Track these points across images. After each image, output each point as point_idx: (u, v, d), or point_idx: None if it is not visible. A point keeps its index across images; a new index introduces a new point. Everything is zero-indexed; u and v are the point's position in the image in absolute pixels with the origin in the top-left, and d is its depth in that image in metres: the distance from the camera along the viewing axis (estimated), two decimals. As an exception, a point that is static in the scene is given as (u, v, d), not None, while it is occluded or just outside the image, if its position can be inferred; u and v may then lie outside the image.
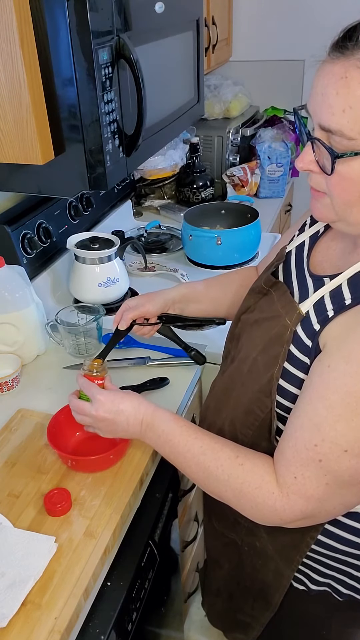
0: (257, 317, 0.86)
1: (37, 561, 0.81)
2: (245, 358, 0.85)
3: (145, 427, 0.85)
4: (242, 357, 0.86)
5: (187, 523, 1.43)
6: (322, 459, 0.68)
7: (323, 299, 0.73)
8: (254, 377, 0.81)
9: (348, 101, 0.60)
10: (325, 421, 0.68)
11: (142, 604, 0.95)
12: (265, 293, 0.87)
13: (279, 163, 2.24)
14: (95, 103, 0.97)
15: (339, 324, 0.70)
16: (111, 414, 0.86)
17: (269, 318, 0.82)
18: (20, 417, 1.11)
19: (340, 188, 0.67)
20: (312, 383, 0.71)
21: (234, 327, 0.95)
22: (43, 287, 1.47)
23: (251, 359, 0.83)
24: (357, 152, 0.62)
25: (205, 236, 1.64)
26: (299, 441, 0.71)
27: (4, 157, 0.99)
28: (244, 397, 0.83)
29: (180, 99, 1.43)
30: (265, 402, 0.79)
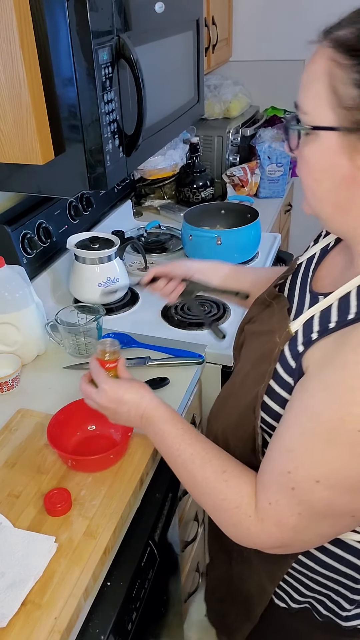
0: (257, 329, 0.86)
1: (37, 561, 0.81)
2: (240, 370, 0.85)
3: (145, 422, 0.85)
4: (238, 369, 0.87)
5: (187, 523, 1.43)
6: (295, 487, 0.66)
7: (312, 319, 0.71)
8: (244, 391, 0.80)
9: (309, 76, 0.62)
10: (300, 448, 0.65)
11: (142, 604, 0.95)
12: (268, 305, 0.85)
13: (279, 163, 2.24)
14: (95, 103, 0.97)
15: (320, 348, 0.66)
16: (113, 404, 0.86)
17: (265, 332, 0.80)
18: (20, 417, 1.11)
19: (301, 171, 0.67)
20: (292, 407, 0.69)
21: (238, 337, 0.95)
22: (43, 287, 1.47)
23: (244, 372, 0.82)
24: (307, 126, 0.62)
25: (205, 236, 1.64)
26: (275, 465, 0.69)
27: (4, 157, 0.99)
28: (235, 409, 0.82)
29: (180, 99, 1.43)
30: (250, 417, 0.77)
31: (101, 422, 1.06)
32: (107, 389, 0.86)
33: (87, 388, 0.90)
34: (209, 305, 1.47)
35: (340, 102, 0.59)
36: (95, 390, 0.88)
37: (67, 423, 1.03)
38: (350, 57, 0.58)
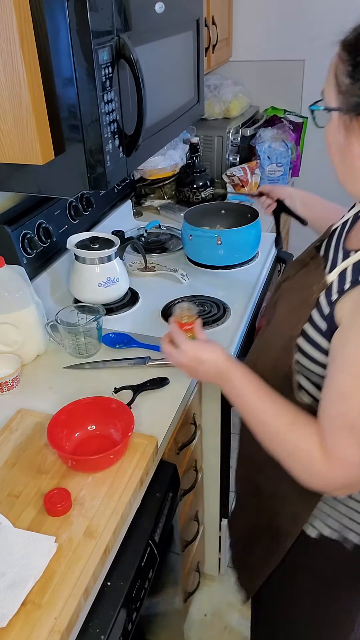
0: (293, 285, 0.96)
1: (37, 561, 0.81)
2: (277, 320, 0.95)
3: (221, 379, 0.93)
4: (275, 320, 0.96)
5: (187, 523, 1.43)
6: (353, 425, 0.74)
7: (345, 272, 0.80)
8: (280, 336, 0.90)
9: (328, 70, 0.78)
10: (350, 390, 0.74)
11: (142, 604, 0.95)
12: (306, 265, 0.95)
13: (279, 163, 2.25)
14: (95, 103, 0.97)
15: (353, 299, 0.76)
16: (193, 363, 0.94)
17: (303, 286, 0.90)
18: (20, 417, 1.11)
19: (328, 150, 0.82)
20: (334, 359, 0.78)
21: (274, 295, 1.03)
22: (43, 287, 1.47)
23: (280, 321, 0.93)
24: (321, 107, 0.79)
25: (205, 236, 1.64)
26: (332, 411, 0.77)
27: (4, 157, 0.99)
28: (272, 354, 0.92)
29: (180, 99, 1.43)
30: (285, 358, 0.87)
31: (101, 422, 1.06)
32: (187, 350, 0.94)
33: (168, 348, 0.98)
34: (209, 305, 1.47)
35: (339, 88, 0.75)
36: (175, 350, 0.96)
37: (67, 423, 1.03)
38: (347, 53, 0.74)
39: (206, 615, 1.74)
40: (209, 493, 1.59)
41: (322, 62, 2.55)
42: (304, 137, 2.52)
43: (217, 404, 1.39)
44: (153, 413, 1.12)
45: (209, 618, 1.73)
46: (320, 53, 2.42)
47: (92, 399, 1.08)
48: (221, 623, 1.72)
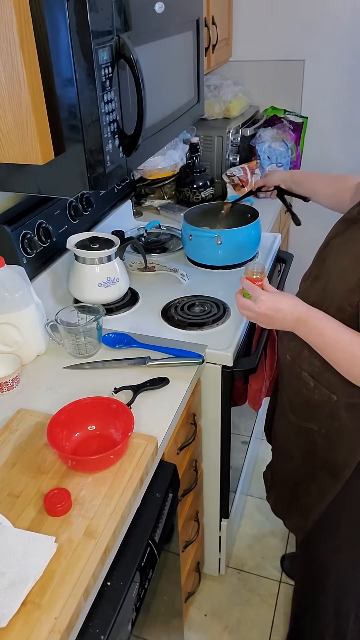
0: (346, 239, 1.01)
1: (37, 561, 0.81)
2: (335, 269, 1.01)
3: (300, 323, 1.00)
4: (332, 269, 1.02)
5: (187, 523, 1.43)
6: None
7: None
8: (344, 280, 0.97)
9: None
10: None
11: (142, 604, 0.95)
12: (355, 222, 1.00)
13: (279, 163, 2.24)
14: (95, 103, 0.97)
15: None
16: (271, 311, 1.02)
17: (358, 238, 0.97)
18: (20, 417, 1.11)
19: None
20: None
21: (322, 250, 1.09)
22: (43, 287, 1.47)
23: (341, 267, 0.99)
24: None
25: (205, 236, 1.64)
26: None
27: (4, 157, 0.99)
28: (336, 297, 0.99)
29: (180, 99, 1.43)
30: (353, 297, 0.95)
31: (101, 422, 1.06)
32: (265, 300, 1.02)
33: (245, 301, 1.06)
34: (209, 305, 1.47)
35: None
36: (252, 302, 1.04)
37: (67, 423, 1.03)
38: None
39: (206, 615, 1.74)
40: (209, 493, 1.59)
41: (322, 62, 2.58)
42: (304, 137, 2.52)
43: (217, 404, 1.39)
44: (153, 413, 1.12)
45: (209, 618, 1.73)
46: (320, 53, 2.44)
47: (92, 399, 1.08)
48: (221, 623, 1.72)
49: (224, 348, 1.31)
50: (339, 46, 2.29)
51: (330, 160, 2.58)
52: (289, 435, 1.21)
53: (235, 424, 1.56)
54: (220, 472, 1.53)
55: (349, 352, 0.94)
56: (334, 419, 1.06)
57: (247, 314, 1.07)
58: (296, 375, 1.12)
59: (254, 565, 1.88)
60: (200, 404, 1.40)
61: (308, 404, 1.11)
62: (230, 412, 1.42)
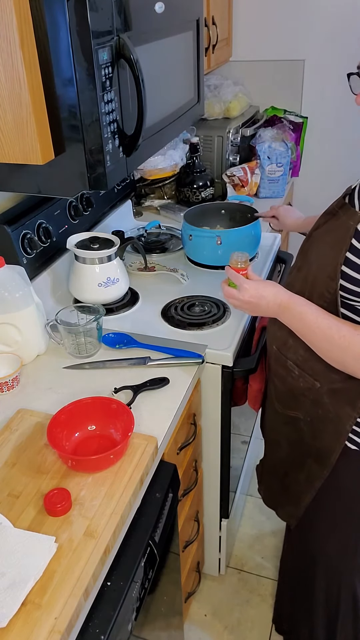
0: (327, 231, 1.05)
1: (37, 561, 0.81)
2: (316, 258, 1.05)
3: (282, 309, 1.04)
4: (313, 259, 1.06)
5: (187, 523, 1.43)
6: None
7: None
8: (323, 268, 1.01)
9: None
10: None
11: (142, 604, 0.95)
12: (334, 214, 1.04)
13: (279, 163, 2.24)
14: (95, 103, 0.97)
15: None
16: (255, 299, 1.05)
17: (337, 228, 1.01)
18: (20, 417, 1.11)
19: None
20: None
21: (305, 242, 1.13)
22: (43, 287, 1.47)
23: (321, 256, 1.03)
24: None
25: (205, 236, 1.64)
26: None
27: (4, 157, 0.99)
28: (317, 285, 1.03)
29: (180, 99, 1.43)
30: (331, 284, 0.99)
31: (101, 422, 1.06)
32: (249, 288, 1.06)
33: (229, 290, 1.09)
34: (209, 305, 1.47)
35: None
36: (236, 290, 1.08)
37: (67, 423, 1.03)
38: None
39: (206, 615, 1.74)
40: (209, 493, 1.59)
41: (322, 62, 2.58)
42: (304, 137, 2.52)
43: (217, 404, 1.39)
44: (153, 413, 1.12)
45: (209, 618, 1.73)
46: (320, 53, 2.44)
47: (92, 399, 1.08)
48: (221, 623, 1.72)
49: (224, 348, 1.31)
50: (339, 46, 2.29)
51: (330, 160, 2.58)
52: (276, 424, 1.25)
53: (235, 424, 1.56)
54: (220, 472, 1.53)
55: (328, 335, 0.98)
56: (317, 406, 1.10)
57: (232, 302, 1.10)
58: (282, 365, 1.16)
59: (254, 565, 1.88)
60: (200, 404, 1.40)
61: (293, 392, 1.14)
62: (230, 412, 1.42)
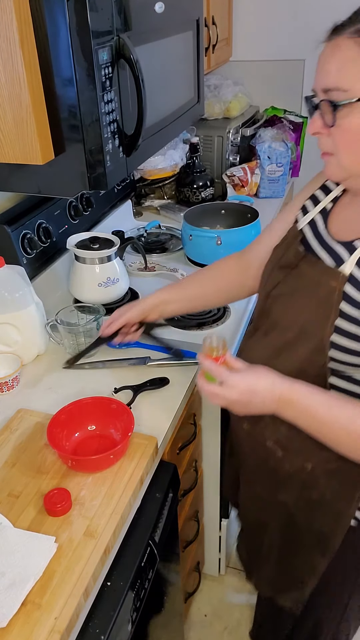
0: (292, 288, 0.91)
1: (37, 561, 0.81)
2: (289, 326, 0.89)
3: (282, 404, 0.85)
4: (285, 326, 0.91)
5: (187, 523, 1.43)
6: None
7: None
8: (304, 340, 0.86)
9: (340, 62, 0.75)
10: None
11: (142, 604, 0.95)
12: (294, 267, 0.91)
13: (279, 163, 2.24)
14: (95, 103, 0.97)
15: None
16: (246, 395, 0.85)
17: (309, 286, 0.87)
18: (20, 417, 1.11)
19: (343, 142, 0.78)
20: None
21: (264, 304, 0.98)
22: (43, 287, 1.47)
23: (298, 324, 0.88)
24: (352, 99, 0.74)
25: (205, 236, 1.64)
26: None
27: (4, 157, 0.99)
28: (294, 360, 0.87)
29: (180, 99, 1.43)
30: (318, 360, 0.85)
31: (101, 422, 1.06)
32: (236, 383, 0.85)
33: (211, 387, 0.87)
34: None
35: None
36: (221, 388, 0.86)
37: (67, 423, 1.03)
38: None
39: (206, 615, 1.74)
40: (209, 493, 1.59)
41: (322, 62, 2.47)
42: (304, 137, 2.51)
43: (217, 404, 1.39)
44: (153, 413, 1.12)
45: (209, 618, 1.73)
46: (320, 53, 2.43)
47: (92, 399, 1.08)
48: (221, 623, 1.72)
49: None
50: (339, 46, 2.28)
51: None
52: (259, 508, 1.08)
53: (235, 424, 1.56)
54: (220, 472, 1.52)
55: (352, 432, 0.80)
56: (311, 489, 0.94)
57: (217, 402, 0.89)
58: (259, 445, 0.98)
59: (254, 565, 1.88)
60: (200, 404, 1.40)
61: (278, 476, 0.97)
62: (230, 412, 1.42)
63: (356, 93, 0.74)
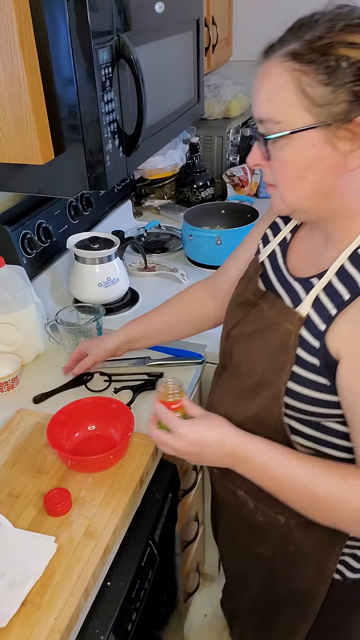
0: (251, 329, 0.85)
1: (37, 561, 0.81)
2: (252, 371, 0.84)
3: (236, 460, 0.80)
4: (246, 371, 0.85)
5: (187, 523, 1.43)
6: None
7: (319, 299, 0.75)
8: (264, 386, 0.80)
9: (271, 90, 0.70)
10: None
11: (142, 604, 0.95)
12: (254, 305, 0.86)
13: (279, 163, 2.24)
14: (95, 103, 0.97)
15: (348, 323, 0.70)
16: (196, 448, 0.81)
17: (267, 328, 0.81)
18: (20, 417, 1.11)
19: (281, 174, 0.72)
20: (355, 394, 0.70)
21: (225, 343, 0.93)
22: (43, 287, 1.47)
23: (259, 370, 0.82)
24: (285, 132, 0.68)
25: (205, 236, 1.64)
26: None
27: (4, 157, 0.99)
28: (254, 406, 0.82)
29: (180, 99, 1.42)
30: (273, 409, 0.79)
31: (101, 422, 1.06)
32: (186, 433, 0.80)
33: (161, 435, 0.83)
34: None
35: (313, 102, 0.66)
36: (171, 436, 0.82)
37: (67, 423, 1.03)
38: (309, 63, 0.65)
39: (206, 615, 1.74)
40: (209, 493, 1.59)
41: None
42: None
43: (217, 404, 1.39)
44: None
45: (209, 618, 1.73)
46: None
47: (92, 399, 1.08)
48: (221, 623, 1.72)
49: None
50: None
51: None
52: (239, 561, 1.04)
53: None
54: (220, 472, 1.52)
55: (310, 492, 0.74)
56: (287, 543, 0.89)
57: (166, 451, 0.84)
58: (231, 494, 0.94)
59: (254, 565, 1.88)
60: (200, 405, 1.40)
61: (253, 528, 0.93)
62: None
63: (289, 125, 0.67)
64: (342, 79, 0.64)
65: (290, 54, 0.67)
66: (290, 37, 0.70)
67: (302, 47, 0.66)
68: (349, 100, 0.64)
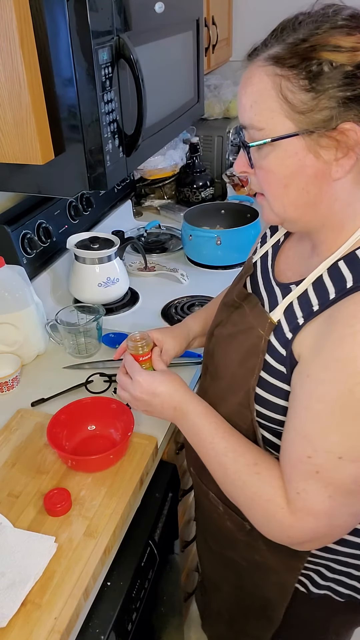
0: (230, 330, 0.86)
1: (37, 561, 0.81)
2: (224, 373, 0.85)
3: (178, 414, 0.84)
4: (221, 373, 0.86)
5: (187, 523, 1.43)
6: (319, 470, 0.66)
7: (292, 306, 0.73)
8: (234, 391, 0.81)
9: (253, 96, 0.66)
10: (314, 431, 0.66)
11: (142, 604, 0.95)
12: (238, 306, 0.86)
13: (279, 163, 2.24)
14: (95, 103, 0.97)
15: (311, 333, 0.69)
16: (147, 396, 0.86)
17: (243, 331, 0.81)
18: (20, 417, 1.11)
19: (266, 183, 0.70)
20: (295, 396, 0.70)
21: (208, 343, 0.94)
22: (43, 287, 1.47)
23: (229, 373, 0.83)
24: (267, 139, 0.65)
25: (205, 236, 1.64)
26: (294, 454, 0.70)
27: (4, 157, 0.99)
28: (227, 410, 0.83)
29: (180, 99, 1.42)
30: (245, 413, 0.79)
31: (101, 422, 1.06)
32: (141, 381, 0.86)
33: (123, 379, 0.90)
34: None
35: (294, 109, 0.63)
36: (130, 381, 0.88)
37: (67, 423, 1.03)
38: (290, 68, 0.62)
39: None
40: (209, 493, 1.59)
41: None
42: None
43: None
44: (153, 413, 1.12)
45: (209, 618, 1.73)
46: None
47: (92, 399, 1.08)
48: (221, 623, 1.71)
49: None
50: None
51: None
52: (213, 563, 1.07)
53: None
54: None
55: (222, 464, 0.77)
56: (254, 551, 0.90)
57: (122, 395, 0.90)
58: (204, 495, 0.96)
59: (254, 565, 1.88)
60: (200, 404, 1.40)
61: (223, 532, 0.94)
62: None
63: (270, 132, 0.65)
64: (324, 84, 0.61)
65: (271, 58, 0.64)
66: (273, 40, 0.67)
67: (284, 51, 0.63)
68: (331, 107, 0.61)
